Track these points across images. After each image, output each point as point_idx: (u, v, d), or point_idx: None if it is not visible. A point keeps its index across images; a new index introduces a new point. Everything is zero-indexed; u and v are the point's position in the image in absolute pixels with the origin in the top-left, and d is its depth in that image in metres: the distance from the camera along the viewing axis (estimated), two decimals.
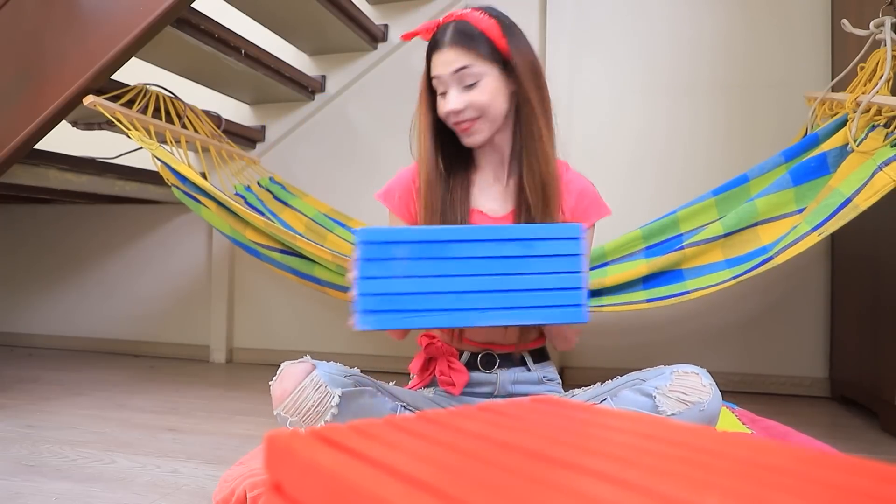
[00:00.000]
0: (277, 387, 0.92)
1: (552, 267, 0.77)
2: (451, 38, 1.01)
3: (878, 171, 1.18)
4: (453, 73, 1.00)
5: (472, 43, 1.01)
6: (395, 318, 0.74)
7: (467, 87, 1.01)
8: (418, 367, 1.12)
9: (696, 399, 0.89)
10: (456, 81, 1.01)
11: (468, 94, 1.01)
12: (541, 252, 0.77)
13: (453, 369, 1.08)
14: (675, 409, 0.89)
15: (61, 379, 1.93)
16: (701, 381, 0.91)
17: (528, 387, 1.12)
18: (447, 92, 1.03)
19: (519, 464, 0.34)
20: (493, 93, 1.02)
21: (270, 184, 2.06)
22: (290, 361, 0.96)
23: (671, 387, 0.90)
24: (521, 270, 0.76)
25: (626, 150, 1.97)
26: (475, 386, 1.10)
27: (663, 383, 0.91)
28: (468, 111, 1.02)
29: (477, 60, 1.01)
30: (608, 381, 1.03)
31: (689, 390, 0.90)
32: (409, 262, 0.74)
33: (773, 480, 0.31)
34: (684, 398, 0.89)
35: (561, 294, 0.77)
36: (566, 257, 0.77)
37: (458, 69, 1.00)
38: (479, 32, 1.01)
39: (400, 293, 0.74)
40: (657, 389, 0.91)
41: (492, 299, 0.76)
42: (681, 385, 0.90)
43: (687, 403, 0.89)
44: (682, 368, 0.93)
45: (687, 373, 0.92)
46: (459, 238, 0.76)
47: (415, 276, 0.74)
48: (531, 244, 0.76)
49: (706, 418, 0.90)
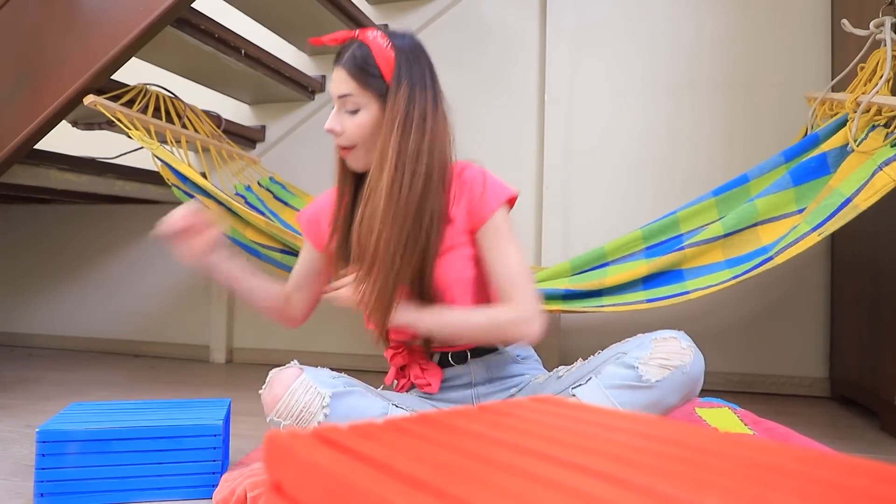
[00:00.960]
0: (268, 394, 0.93)
1: (191, 457, 0.97)
2: (345, 61, 1.01)
3: (878, 171, 1.18)
4: (338, 97, 1.02)
5: (361, 75, 1.00)
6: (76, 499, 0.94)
7: (349, 112, 1.02)
8: (392, 378, 1.14)
9: (678, 362, 0.90)
10: (340, 104, 1.02)
11: (348, 119, 1.02)
12: (182, 446, 0.97)
13: (426, 369, 1.09)
14: (659, 375, 0.90)
15: (61, 379, 1.93)
16: (680, 344, 0.92)
17: (505, 367, 1.12)
18: (334, 108, 1.04)
19: (519, 464, 0.34)
20: (367, 126, 1.01)
21: (271, 183, 2.06)
22: (277, 368, 0.96)
23: (651, 355, 0.91)
24: (166, 460, 0.97)
25: (626, 151, 1.97)
26: (452, 380, 1.11)
27: (644, 353, 0.92)
28: (343, 138, 1.03)
29: (360, 92, 1.00)
30: (591, 357, 1.03)
31: (671, 355, 0.91)
32: (80, 456, 0.94)
33: (773, 480, 0.31)
34: (666, 363, 0.90)
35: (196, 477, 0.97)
36: (202, 450, 0.97)
37: (342, 95, 1.01)
38: (373, 64, 1.00)
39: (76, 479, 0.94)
40: (638, 360, 0.91)
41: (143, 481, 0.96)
42: (661, 351, 0.91)
43: (669, 368, 0.90)
44: (660, 335, 0.94)
45: (666, 338, 0.93)
46: (118, 437, 0.95)
47: (86, 466, 0.94)
48: (175, 440, 0.97)
49: (690, 380, 0.91)
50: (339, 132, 1.02)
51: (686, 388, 0.91)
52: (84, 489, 0.93)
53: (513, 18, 2.09)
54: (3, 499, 0.95)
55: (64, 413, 1.03)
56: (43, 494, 0.92)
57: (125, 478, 0.95)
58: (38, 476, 0.92)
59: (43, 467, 0.92)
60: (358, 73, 1.00)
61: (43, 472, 0.92)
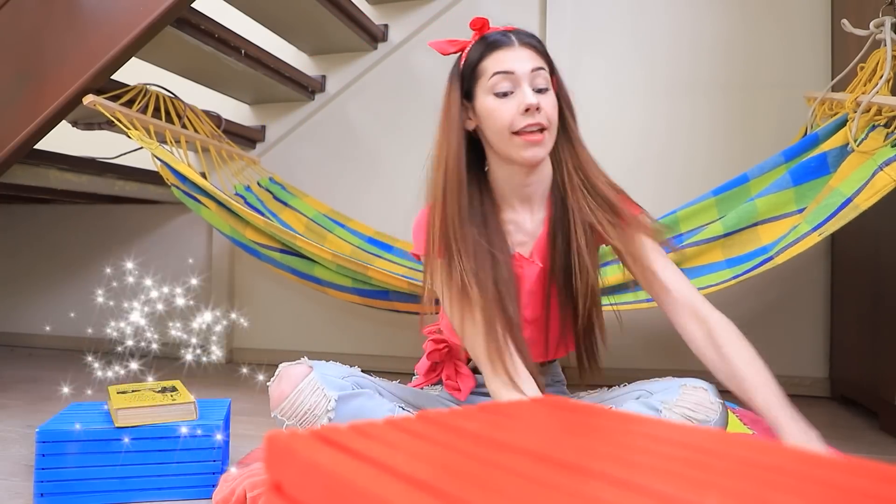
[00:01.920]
0: (275, 388, 0.93)
1: (191, 457, 0.97)
2: (522, 38, 0.92)
3: (878, 171, 1.18)
4: (531, 71, 0.90)
5: (543, 50, 0.94)
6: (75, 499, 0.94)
7: (537, 92, 0.91)
8: (424, 370, 1.12)
9: (703, 417, 0.87)
10: (530, 80, 0.90)
11: (539, 97, 0.90)
12: (182, 446, 0.97)
13: (460, 374, 1.07)
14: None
15: (61, 379, 1.93)
16: (709, 397, 0.89)
17: None
18: (519, 90, 0.90)
19: (519, 464, 0.34)
20: (556, 107, 0.94)
21: (270, 184, 2.06)
22: (288, 363, 0.96)
23: (678, 402, 0.88)
24: (166, 460, 0.97)
25: (626, 150, 1.97)
26: (481, 387, 1.08)
27: (670, 398, 0.89)
28: (543, 114, 0.90)
29: (546, 68, 0.93)
30: (614, 387, 1.01)
31: (697, 406, 0.88)
32: (80, 456, 0.94)
33: (773, 480, 0.31)
34: (690, 415, 0.87)
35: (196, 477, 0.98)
36: (202, 450, 0.98)
37: (535, 68, 0.90)
38: (540, 42, 0.94)
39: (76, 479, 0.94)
40: (664, 404, 0.88)
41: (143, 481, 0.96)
42: (688, 401, 0.88)
43: (693, 420, 0.87)
44: (690, 383, 0.90)
45: (696, 388, 0.89)
46: (118, 437, 0.95)
47: (86, 466, 0.94)
48: (175, 440, 0.97)
49: None
50: (540, 107, 0.90)
51: None
52: (84, 489, 0.93)
53: (513, 18, 2.08)
54: (3, 499, 0.95)
55: (64, 413, 1.03)
56: (43, 494, 0.92)
57: (125, 478, 0.95)
58: (38, 476, 0.92)
59: (43, 467, 0.92)
60: (543, 50, 0.93)
61: (43, 472, 0.92)
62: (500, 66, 0.91)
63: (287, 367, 0.95)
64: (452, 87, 0.96)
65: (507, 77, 0.90)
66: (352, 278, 1.67)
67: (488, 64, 0.92)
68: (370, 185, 2.20)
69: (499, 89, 0.91)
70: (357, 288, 1.70)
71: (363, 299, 1.74)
